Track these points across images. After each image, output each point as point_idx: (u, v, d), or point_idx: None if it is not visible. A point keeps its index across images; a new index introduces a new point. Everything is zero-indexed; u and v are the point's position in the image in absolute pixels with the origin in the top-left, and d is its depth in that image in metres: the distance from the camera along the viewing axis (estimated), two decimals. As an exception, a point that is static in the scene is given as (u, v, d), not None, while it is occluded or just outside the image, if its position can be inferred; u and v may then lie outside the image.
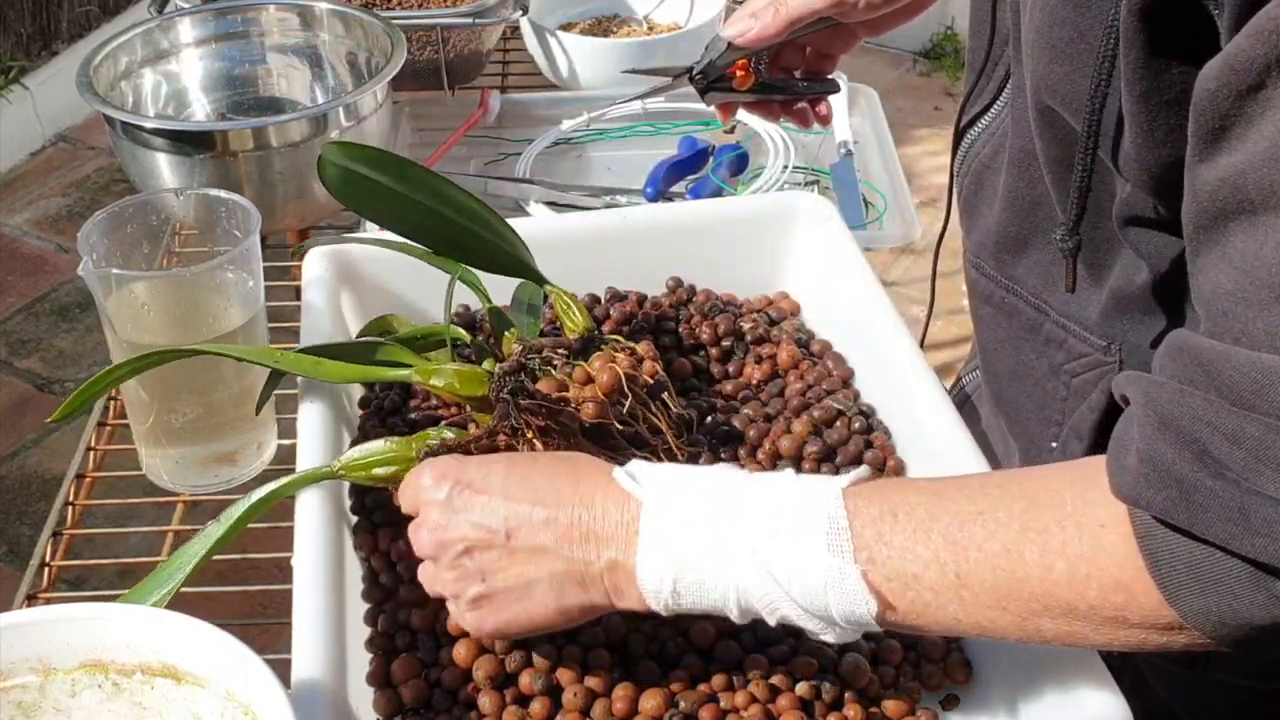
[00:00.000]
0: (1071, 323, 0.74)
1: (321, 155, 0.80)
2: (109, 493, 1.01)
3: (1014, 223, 0.76)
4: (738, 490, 0.64)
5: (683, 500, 0.64)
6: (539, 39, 1.48)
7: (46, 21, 3.15)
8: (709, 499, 0.64)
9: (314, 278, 0.93)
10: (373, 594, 0.77)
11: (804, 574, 0.61)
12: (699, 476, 0.65)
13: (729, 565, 0.62)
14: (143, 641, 0.62)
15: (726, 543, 0.62)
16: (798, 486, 0.63)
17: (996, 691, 0.72)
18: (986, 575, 0.59)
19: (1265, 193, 0.51)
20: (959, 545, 0.59)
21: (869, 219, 1.25)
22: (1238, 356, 0.52)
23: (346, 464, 0.76)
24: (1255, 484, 0.51)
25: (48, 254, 2.81)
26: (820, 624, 0.62)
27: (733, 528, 0.62)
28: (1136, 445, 0.55)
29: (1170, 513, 0.53)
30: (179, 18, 1.30)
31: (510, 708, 0.69)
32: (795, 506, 0.62)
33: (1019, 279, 0.77)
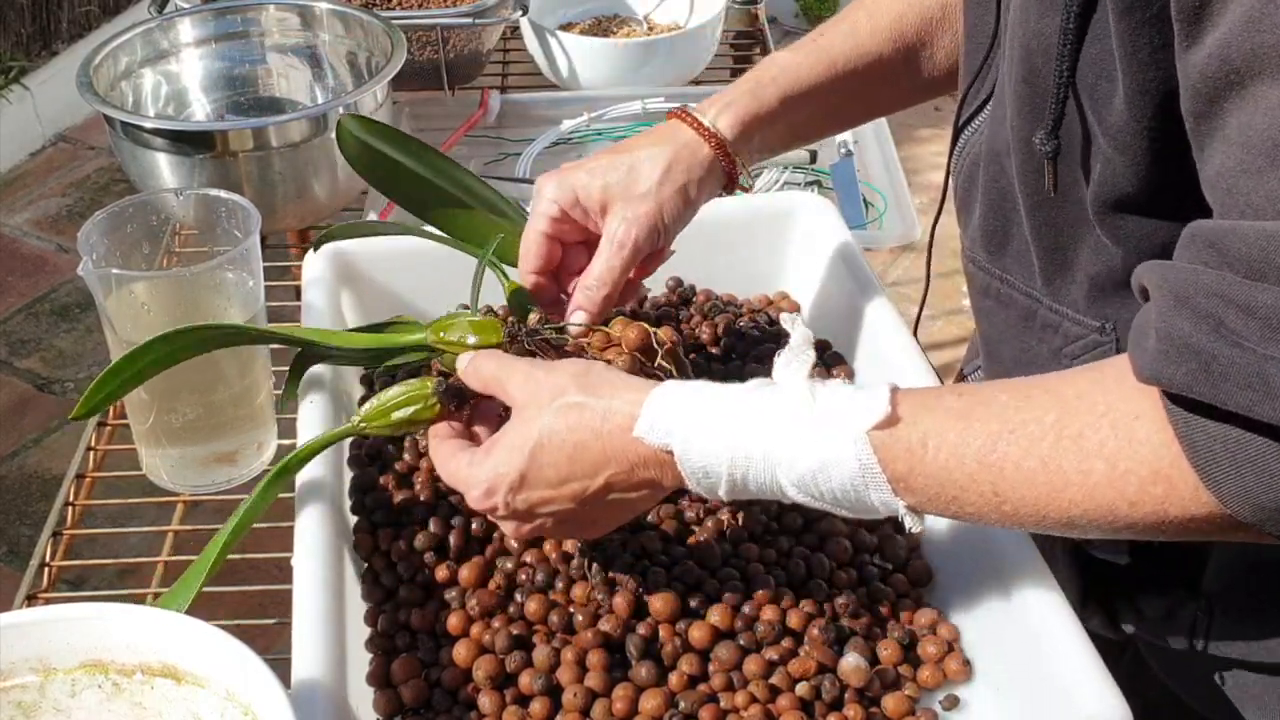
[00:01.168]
0: (1062, 307, 0.74)
1: (341, 124, 0.80)
2: (109, 493, 1.01)
3: (993, 216, 0.77)
4: (764, 426, 0.64)
5: (713, 434, 0.64)
6: (539, 39, 1.48)
7: (46, 21, 3.15)
8: (740, 432, 0.64)
9: (314, 278, 0.93)
10: (373, 594, 0.77)
11: (849, 497, 0.63)
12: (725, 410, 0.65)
13: (772, 486, 0.64)
14: (143, 641, 0.62)
15: (766, 473, 0.64)
16: (820, 434, 0.63)
17: (996, 691, 0.73)
18: (1026, 491, 0.59)
19: (1249, 59, 0.52)
20: (994, 466, 0.60)
21: (869, 219, 1.25)
22: (1243, 229, 0.53)
23: (366, 415, 0.75)
24: (1271, 350, 0.52)
25: (48, 254, 2.81)
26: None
27: (771, 458, 0.63)
28: (1154, 325, 0.56)
29: (1191, 386, 0.54)
30: (179, 18, 1.30)
31: (510, 708, 0.69)
32: (825, 448, 0.62)
33: (1008, 269, 0.78)
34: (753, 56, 1.67)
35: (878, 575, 0.79)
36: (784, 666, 0.71)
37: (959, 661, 0.74)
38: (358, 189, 1.24)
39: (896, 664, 0.74)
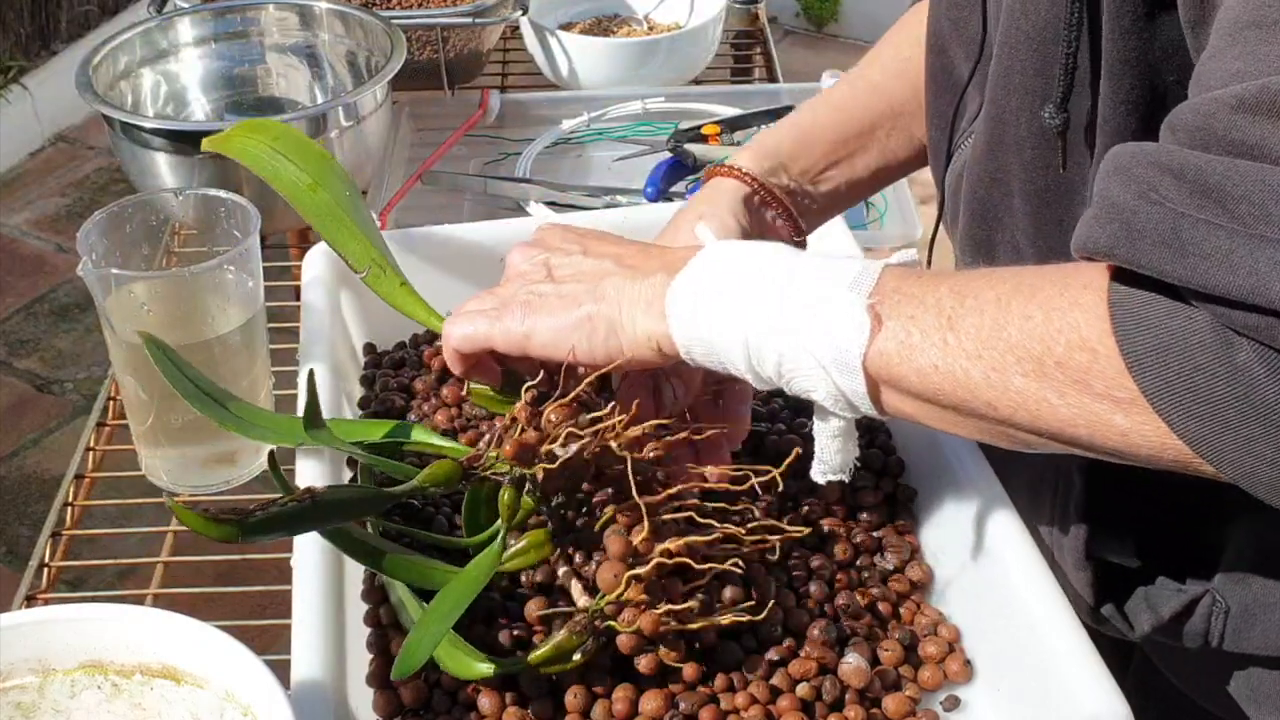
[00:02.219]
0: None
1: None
2: (108, 493, 1.01)
3: (975, 226, 0.77)
4: (793, 255, 0.67)
5: (741, 252, 0.67)
6: (539, 39, 1.48)
7: (46, 21, 3.15)
8: (762, 258, 0.66)
9: (314, 278, 0.93)
10: (373, 594, 0.77)
11: (812, 297, 0.63)
12: (766, 247, 0.68)
13: (751, 298, 0.65)
14: (142, 642, 0.62)
15: (758, 283, 0.65)
16: (846, 259, 0.65)
17: (996, 691, 0.72)
18: (974, 320, 0.59)
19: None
20: (960, 294, 0.61)
21: (869, 219, 1.25)
22: (1192, 103, 0.54)
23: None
24: (1189, 209, 0.52)
25: (47, 254, 2.81)
26: (811, 362, 0.63)
27: (769, 276, 0.65)
28: (1094, 196, 0.57)
29: (1113, 249, 0.54)
30: (178, 18, 1.30)
31: (510, 708, 0.69)
32: (833, 264, 0.64)
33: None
34: (752, 56, 1.67)
35: (878, 576, 0.79)
36: (784, 667, 0.71)
37: (960, 662, 0.74)
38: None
39: (897, 665, 0.74)
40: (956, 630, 0.76)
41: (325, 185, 0.83)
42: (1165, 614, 0.76)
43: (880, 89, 0.89)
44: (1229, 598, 0.74)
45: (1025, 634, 0.70)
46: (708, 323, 0.66)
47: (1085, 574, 0.77)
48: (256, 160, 0.84)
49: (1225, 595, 0.74)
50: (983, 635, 0.74)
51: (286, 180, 0.83)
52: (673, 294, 0.67)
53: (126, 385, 0.92)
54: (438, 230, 0.99)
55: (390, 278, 0.81)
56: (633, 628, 0.66)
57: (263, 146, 0.84)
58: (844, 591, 0.76)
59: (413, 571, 0.71)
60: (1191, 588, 0.75)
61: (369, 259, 0.81)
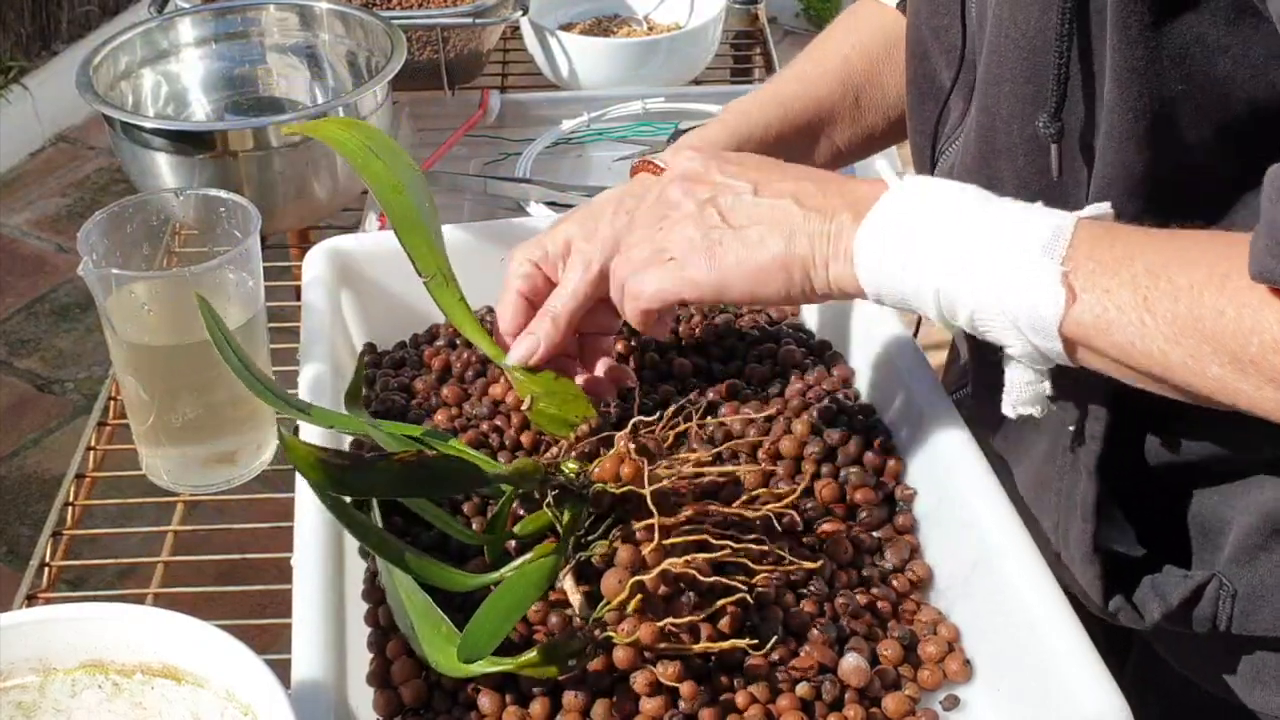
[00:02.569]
0: None
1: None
2: (109, 493, 1.01)
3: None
4: (983, 201, 0.66)
5: (926, 194, 0.67)
6: (539, 39, 1.48)
7: (46, 21, 3.15)
8: (950, 202, 0.66)
9: (314, 278, 0.93)
10: (373, 594, 0.77)
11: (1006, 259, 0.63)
12: (952, 188, 0.67)
13: (943, 253, 0.65)
14: (142, 641, 0.62)
15: (950, 236, 0.65)
16: (1037, 211, 0.65)
17: (996, 691, 0.72)
18: (1168, 305, 0.60)
19: None
20: (1154, 274, 0.61)
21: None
22: None
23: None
24: None
25: (47, 254, 2.82)
26: (1007, 322, 0.64)
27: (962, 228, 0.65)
28: (1263, 222, 0.57)
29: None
30: (179, 18, 1.30)
31: (510, 708, 0.69)
32: (1026, 219, 0.64)
33: None
34: (752, 56, 1.67)
35: (878, 575, 0.79)
36: (784, 667, 0.71)
37: (959, 662, 0.74)
38: (358, 189, 1.24)
39: (897, 664, 0.74)
40: (956, 630, 0.76)
41: (409, 191, 0.85)
42: (1174, 601, 0.76)
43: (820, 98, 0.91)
44: (1235, 581, 0.74)
45: (1025, 633, 0.70)
46: (899, 271, 0.66)
47: (1094, 567, 0.77)
48: (351, 151, 0.87)
49: (1232, 579, 0.75)
50: (983, 635, 0.74)
51: (377, 175, 0.86)
52: (860, 240, 0.67)
53: (127, 385, 0.92)
54: (438, 230, 0.99)
55: (451, 290, 0.84)
56: (631, 638, 0.67)
57: (357, 141, 0.87)
58: (844, 591, 0.76)
59: (429, 570, 0.72)
60: (1198, 573, 0.76)
61: (435, 268, 0.84)
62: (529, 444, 0.84)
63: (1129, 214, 0.67)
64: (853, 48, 0.92)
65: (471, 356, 0.91)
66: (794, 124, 0.90)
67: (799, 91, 0.91)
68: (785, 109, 0.90)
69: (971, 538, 0.76)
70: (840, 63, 0.92)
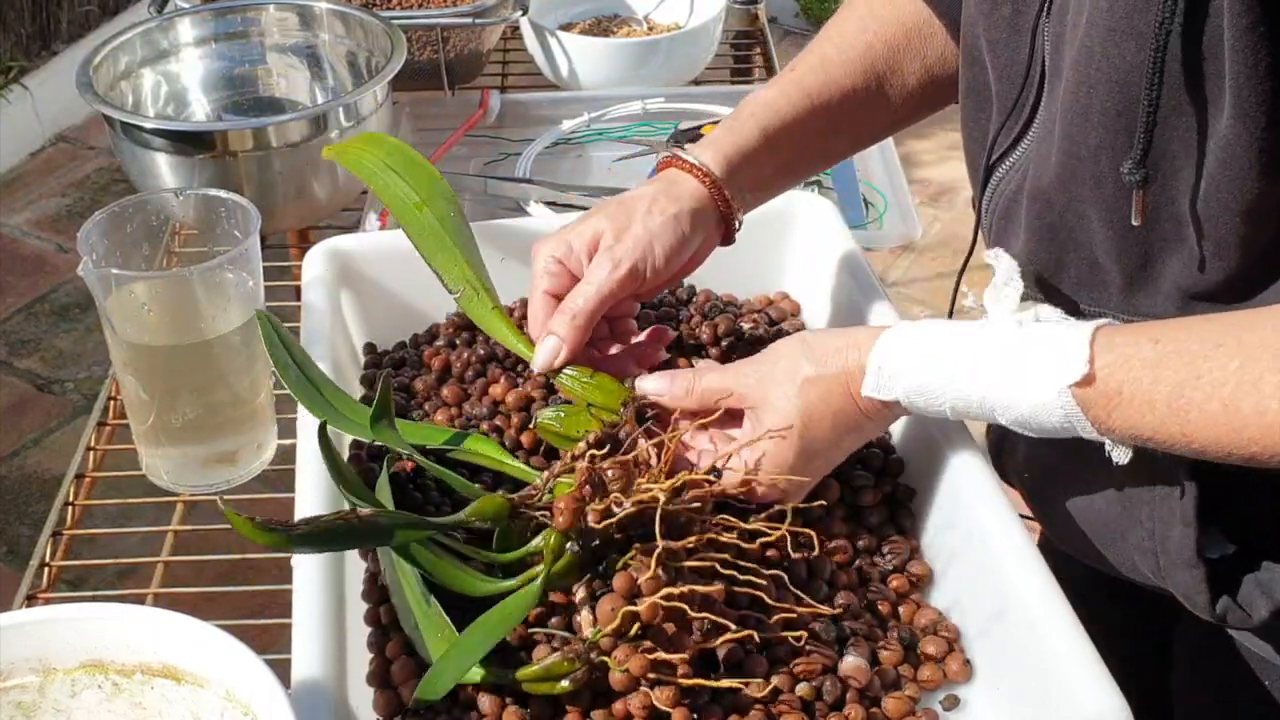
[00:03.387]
0: (1144, 318, 0.75)
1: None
2: (109, 493, 1.01)
3: (1041, 249, 0.78)
4: (981, 385, 0.71)
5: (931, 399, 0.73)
6: (539, 39, 1.48)
7: (46, 21, 3.15)
8: (958, 391, 0.72)
9: (314, 278, 0.93)
10: (373, 594, 0.77)
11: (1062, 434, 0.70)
12: (946, 373, 0.72)
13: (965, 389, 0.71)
14: (142, 641, 0.62)
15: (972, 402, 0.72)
16: (1028, 385, 0.70)
17: (996, 691, 0.73)
18: (1209, 431, 0.65)
19: None
20: (1180, 410, 0.66)
21: (869, 219, 1.25)
22: None
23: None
24: None
25: (48, 254, 2.81)
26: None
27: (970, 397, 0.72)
28: None
29: None
30: (179, 18, 1.30)
31: (510, 708, 0.69)
32: (1030, 406, 0.70)
33: (1068, 293, 0.79)
34: (752, 56, 1.67)
35: (878, 576, 0.79)
36: (785, 667, 0.71)
37: (959, 661, 0.74)
38: (357, 189, 1.24)
39: (897, 664, 0.74)
40: (956, 630, 0.76)
41: (431, 204, 0.85)
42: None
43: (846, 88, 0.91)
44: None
45: (1025, 634, 0.70)
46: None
47: (1198, 572, 0.77)
48: (369, 173, 0.87)
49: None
50: (982, 635, 0.74)
51: (394, 195, 0.85)
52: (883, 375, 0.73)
53: (127, 385, 0.92)
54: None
55: (483, 300, 0.84)
56: (623, 667, 0.67)
57: (376, 160, 0.87)
58: (844, 591, 0.76)
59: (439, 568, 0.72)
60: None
61: (464, 280, 0.84)
62: (529, 444, 0.84)
63: (1237, 235, 0.69)
64: (875, 35, 0.92)
65: (472, 356, 0.91)
66: (820, 114, 0.90)
67: (825, 81, 0.90)
68: (812, 100, 0.89)
69: (972, 538, 0.76)
70: (864, 50, 0.91)
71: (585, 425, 0.78)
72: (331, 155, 0.90)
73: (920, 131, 3.06)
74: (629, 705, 0.67)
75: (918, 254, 2.64)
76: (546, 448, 0.84)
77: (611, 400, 0.79)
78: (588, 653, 0.68)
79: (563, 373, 0.81)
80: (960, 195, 2.84)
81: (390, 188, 0.86)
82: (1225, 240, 0.70)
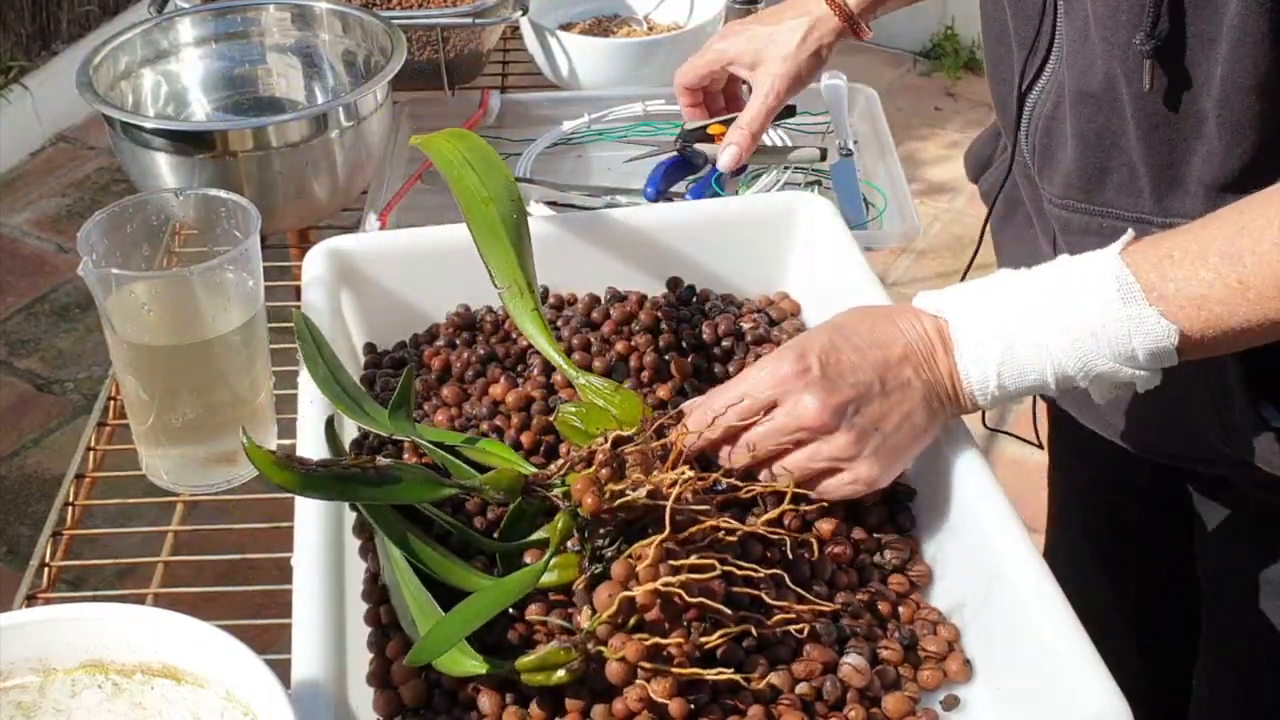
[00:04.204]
0: (1177, 219, 0.79)
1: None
2: (109, 493, 1.01)
3: (1090, 156, 0.83)
4: (1026, 285, 0.74)
5: (983, 305, 0.75)
6: (539, 39, 1.48)
7: (46, 21, 3.15)
8: (1005, 297, 0.74)
9: (314, 278, 0.93)
10: (373, 594, 0.77)
11: (1108, 328, 0.70)
12: (989, 284, 0.76)
13: (1040, 346, 0.72)
14: (143, 641, 0.62)
15: (1033, 329, 0.73)
16: (1078, 264, 0.72)
17: (996, 691, 0.73)
18: (1265, 270, 0.68)
19: None
20: (1233, 258, 0.68)
21: (869, 219, 1.25)
22: None
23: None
24: None
25: (48, 254, 2.81)
26: (1130, 370, 0.72)
27: (1034, 314, 0.73)
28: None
29: None
30: (179, 18, 1.30)
31: (510, 708, 0.69)
32: (1084, 279, 0.71)
33: (1110, 202, 0.84)
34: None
35: (878, 576, 0.79)
36: (786, 667, 0.71)
37: (959, 661, 0.74)
38: (357, 189, 1.24)
39: (897, 664, 0.74)
40: (956, 629, 0.76)
41: (498, 202, 0.88)
42: None
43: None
44: None
45: (1025, 634, 0.70)
46: (1012, 385, 0.75)
47: (1269, 435, 0.81)
48: (447, 163, 0.90)
49: None
50: (982, 635, 0.75)
51: (466, 187, 0.89)
52: (968, 383, 0.75)
53: (127, 385, 0.92)
54: (438, 230, 0.99)
55: (525, 300, 0.86)
56: (619, 654, 0.67)
57: (457, 153, 0.90)
58: (844, 591, 0.76)
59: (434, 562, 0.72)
60: None
61: (511, 278, 0.86)
62: (529, 444, 0.84)
63: (1253, 112, 0.72)
64: None
65: (471, 357, 0.91)
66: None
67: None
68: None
69: (972, 537, 0.76)
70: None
71: (605, 424, 0.79)
72: (418, 143, 0.94)
73: (920, 132, 3.06)
74: (627, 703, 0.67)
75: (918, 254, 2.64)
76: (547, 448, 0.84)
77: (631, 414, 0.81)
78: (585, 642, 0.68)
79: (588, 384, 0.83)
80: (960, 195, 2.84)
81: (464, 180, 0.89)
82: (1242, 123, 0.73)
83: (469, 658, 0.68)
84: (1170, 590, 1.10)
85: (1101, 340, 0.71)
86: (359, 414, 0.80)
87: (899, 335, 0.76)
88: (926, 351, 0.75)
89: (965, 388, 0.75)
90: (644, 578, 0.68)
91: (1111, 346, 0.71)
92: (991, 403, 0.76)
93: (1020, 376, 0.74)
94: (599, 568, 0.71)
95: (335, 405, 0.80)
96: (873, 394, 0.74)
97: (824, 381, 0.74)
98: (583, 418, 0.82)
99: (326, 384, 0.81)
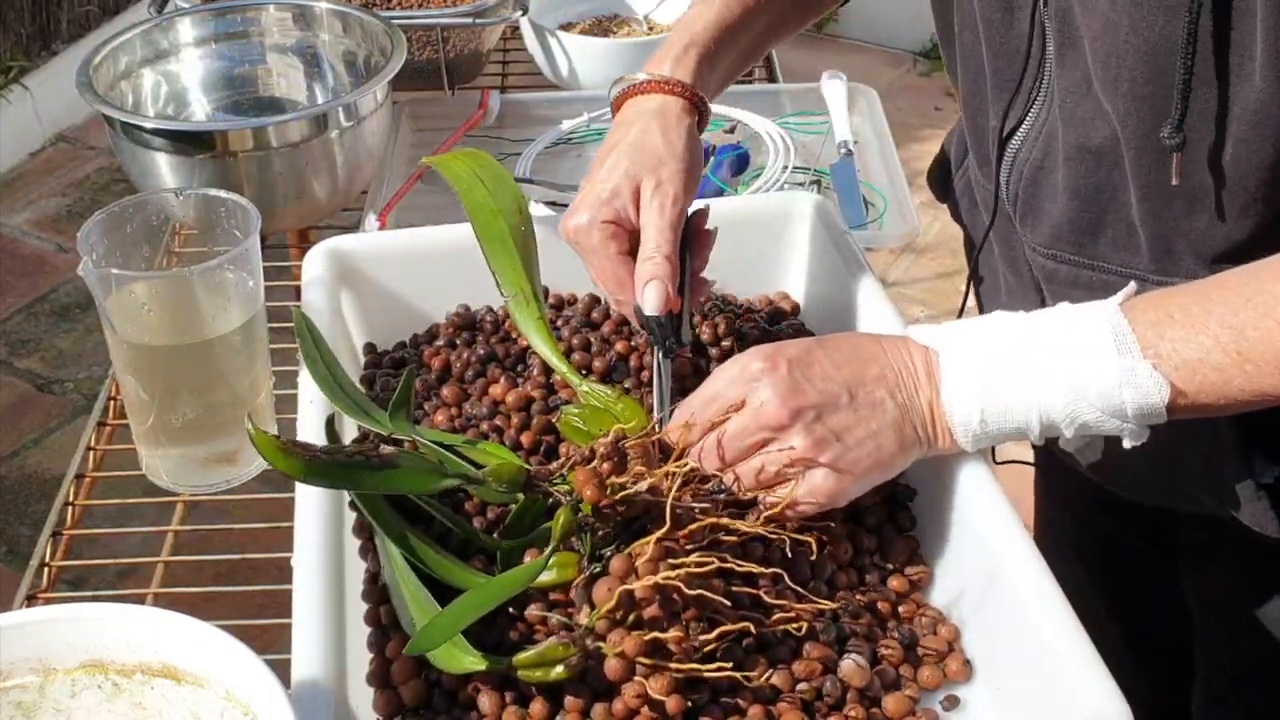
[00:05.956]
0: (1174, 279, 0.77)
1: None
2: (109, 493, 1.01)
3: (1084, 211, 0.81)
4: (1020, 327, 0.73)
5: (975, 341, 0.74)
6: (539, 39, 1.48)
7: (46, 21, 3.15)
8: (998, 336, 0.73)
9: (314, 278, 0.93)
10: (373, 594, 0.77)
11: (1099, 378, 0.69)
12: (984, 322, 0.75)
13: (1027, 388, 0.71)
14: (143, 641, 0.62)
15: (1022, 370, 0.71)
16: (1075, 312, 0.71)
17: (996, 691, 0.73)
18: (1267, 347, 0.67)
19: None
20: (1235, 328, 0.68)
21: (869, 219, 1.25)
22: None
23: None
24: None
25: (48, 254, 2.81)
26: (1116, 423, 0.70)
27: (1025, 356, 0.72)
28: None
29: None
30: (179, 18, 1.30)
31: (510, 708, 0.69)
32: (1079, 327, 0.70)
33: (1104, 256, 0.82)
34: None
35: (878, 575, 0.79)
36: (786, 667, 0.71)
37: (959, 661, 0.74)
38: (357, 189, 1.24)
39: (897, 664, 0.74)
40: (956, 629, 0.76)
41: (506, 215, 0.90)
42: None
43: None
44: None
45: (1025, 634, 0.70)
46: (995, 427, 0.73)
47: (1262, 502, 0.81)
48: (459, 178, 0.93)
49: None
50: (982, 635, 0.74)
51: (476, 200, 0.91)
52: (952, 417, 0.74)
53: (127, 385, 0.92)
54: (438, 230, 0.99)
55: (531, 309, 0.87)
56: (618, 649, 0.67)
57: (469, 171, 0.93)
58: (844, 591, 0.76)
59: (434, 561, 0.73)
60: None
61: (518, 287, 0.88)
62: (529, 444, 0.84)
63: (1267, 186, 0.71)
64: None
65: (471, 357, 0.91)
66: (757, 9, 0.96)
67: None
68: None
69: (971, 538, 0.76)
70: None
71: (608, 426, 0.79)
72: (432, 163, 0.97)
73: (920, 132, 3.06)
74: (626, 700, 0.67)
75: (918, 254, 2.64)
76: (546, 448, 0.84)
77: (627, 417, 0.82)
78: (584, 638, 0.68)
79: (591, 390, 0.84)
80: (960, 195, 2.83)
81: (474, 193, 0.91)
82: (1251, 197, 0.72)
83: (467, 654, 0.68)
84: (1162, 612, 1.09)
85: (1091, 390, 0.70)
86: (359, 414, 0.80)
87: (880, 356, 0.75)
88: (909, 378, 0.74)
89: (946, 423, 0.74)
90: (643, 572, 0.68)
91: (1101, 397, 0.69)
92: (974, 442, 0.74)
93: (1004, 417, 0.72)
94: (599, 567, 0.71)
95: (335, 405, 0.80)
96: (839, 405, 0.73)
97: (789, 381, 0.73)
98: (585, 419, 0.82)
99: (326, 384, 0.81)
